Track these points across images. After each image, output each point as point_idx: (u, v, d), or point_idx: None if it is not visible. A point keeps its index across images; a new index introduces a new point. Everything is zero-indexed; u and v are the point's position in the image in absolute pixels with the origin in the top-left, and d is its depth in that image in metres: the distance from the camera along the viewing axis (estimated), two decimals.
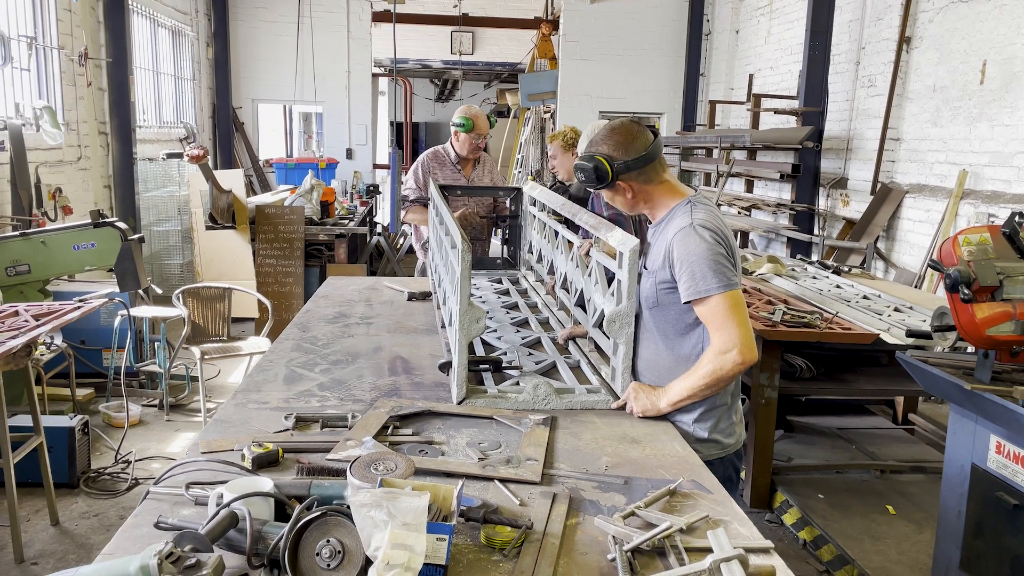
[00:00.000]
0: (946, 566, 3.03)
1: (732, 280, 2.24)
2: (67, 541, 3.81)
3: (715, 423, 2.40)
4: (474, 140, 4.75)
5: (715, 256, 2.23)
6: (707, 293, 2.22)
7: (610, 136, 2.39)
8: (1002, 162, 6.06)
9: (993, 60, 6.18)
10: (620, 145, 2.36)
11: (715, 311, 2.24)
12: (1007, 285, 2.56)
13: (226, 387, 6.03)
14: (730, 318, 2.22)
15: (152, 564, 1.22)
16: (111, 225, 4.95)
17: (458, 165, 4.85)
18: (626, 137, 2.37)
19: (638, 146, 2.36)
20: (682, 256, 2.27)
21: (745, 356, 2.22)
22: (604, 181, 2.36)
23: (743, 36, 11.06)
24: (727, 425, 2.44)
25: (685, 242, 2.27)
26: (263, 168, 11.92)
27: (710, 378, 2.26)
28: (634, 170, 2.36)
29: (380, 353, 2.95)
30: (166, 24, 9.94)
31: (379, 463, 1.70)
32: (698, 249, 2.24)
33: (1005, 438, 2.69)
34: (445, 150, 4.91)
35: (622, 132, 2.39)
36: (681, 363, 2.37)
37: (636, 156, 2.35)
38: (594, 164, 2.35)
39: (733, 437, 2.47)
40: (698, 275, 2.23)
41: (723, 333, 2.23)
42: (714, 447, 2.41)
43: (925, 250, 6.87)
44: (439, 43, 15.04)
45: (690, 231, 2.27)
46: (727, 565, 1.44)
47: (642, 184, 2.40)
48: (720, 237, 2.28)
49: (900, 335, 3.82)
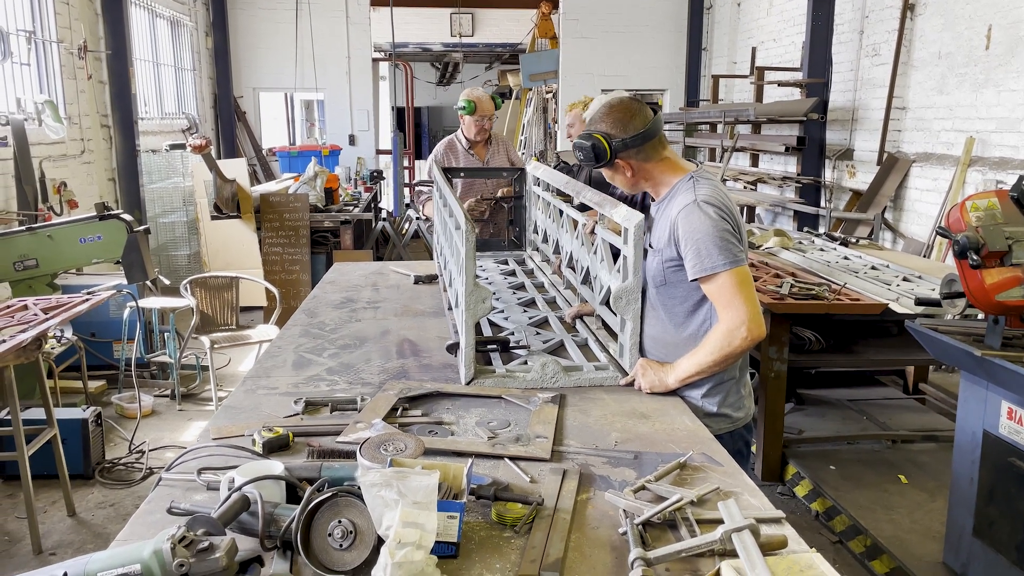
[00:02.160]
0: (959, 533, 3.04)
1: (738, 256, 2.22)
2: (84, 531, 3.85)
3: (724, 397, 2.40)
4: (479, 122, 4.73)
5: (720, 232, 2.21)
6: (713, 270, 2.21)
7: (608, 114, 2.36)
8: (1009, 128, 6.00)
9: (998, 24, 6.10)
10: (619, 123, 2.33)
11: (722, 288, 2.22)
12: (1016, 250, 2.54)
13: (236, 375, 6.06)
14: (737, 295, 2.21)
15: (165, 548, 1.23)
16: (117, 217, 4.96)
17: (470, 150, 4.83)
18: (624, 114, 2.35)
19: (637, 123, 2.33)
20: (687, 233, 2.25)
21: (753, 332, 2.21)
22: (602, 159, 2.34)
23: (745, 8, 10.95)
24: (736, 399, 2.44)
25: (690, 219, 2.25)
26: (266, 157, 11.91)
27: (718, 354, 2.25)
28: (633, 148, 2.33)
29: (388, 336, 2.95)
30: (164, 15, 9.90)
31: (389, 444, 1.70)
32: (703, 226, 2.22)
33: (1017, 404, 2.68)
34: (457, 137, 4.90)
35: (620, 109, 2.36)
36: (688, 341, 2.37)
37: (635, 134, 2.32)
38: (592, 142, 2.32)
39: (742, 411, 2.47)
40: (704, 252, 2.21)
41: (731, 310, 2.22)
42: (724, 421, 2.41)
43: (933, 219, 6.83)
44: (439, 26, 14.94)
45: (694, 208, 2.25)
46: (738, 535, 1.44)
47: (641, 162, 2.37)
48: (725, 212, 2.26)
49: (909, 304, 3.80)
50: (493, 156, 4.91)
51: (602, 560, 1.49)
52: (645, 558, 1.42)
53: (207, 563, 1.24)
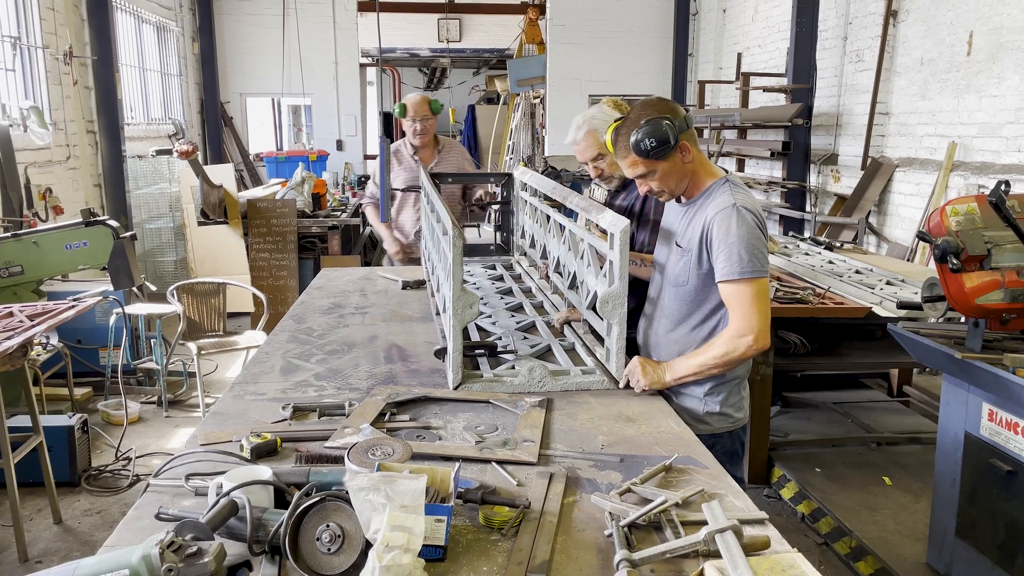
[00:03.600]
0: (943, 534, 3.07)
1: (764, 268, 2.25)
2: (70, 539, 3.83)
3: (726, 396, 2.44)
4: (413, 124, 4.68)
5: (754, 241, 2.23)
6: (740, 276, 2.22)
7: (652, 105, 2.34)
8: (991, 133, 6.07)
9: (979, 31, 6.18)
10: (668, 110, 2.32)
11: (742, 295, 2.24)
12: (995, 254, 2.58)
13: (224, 382, 6.04)
14: (754, 304, 2.23)
15: (154, 553, 1.23)
16: (103, 224, 4.93)
17: (415, 156, 4.76)
18: (667, 104, 2.36)
19: (679, 111, 2.34)
20: (722, 236, 2.25)
21: (759, 343, 2.24)
22: (671, 140, 2.27)
23: (730, 15, 11.03)
24: (737, 400, 2.48)
25: (728, 222, 2.25)
26: (253, 162, 11.88)
27: (720, 359, 2.28)
28: (686, 131, 2.32)
29: (376, 342, 2.96)
30: (150, 20, 9.87)
31: (376, 448, 1.72)
32: (739, 231, 2.23)
33: (997, 405, 2.72)
34: (404, 143, 4.85)
35: (660, 101, 2.36)
36: (697, 344, 2.39)
37: (683, 117, 2.32)
38: (664, 122, 2.25)
39: (742, 412, 2.50)
40: (735, 256, 2.22)
41: (744, 318, 2.24)
42: (725, 420, 2.45)
43: (916, 223, 6.89)
44: (426, 31, 14.96)
45: (733, 212, 2.25)
46: (722, 536, 1.46)
47: (692, 146, 2.35)
48: (760, 222, 2.28)
49: (892, 308, 3.84)
50: (443, 162, 4.79)
51: (588, 562, 1.50)
52: (630, 559, 1.44)
53: (195, 568, 1.25)
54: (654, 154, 2.29)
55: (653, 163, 2.33)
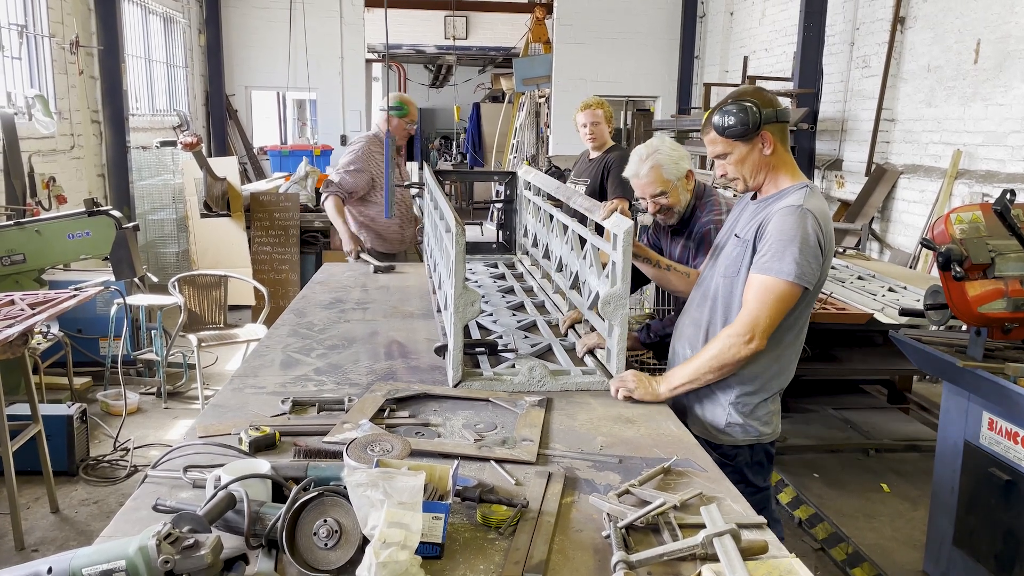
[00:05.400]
0: (940, 542, 3.07)
1: (801, 275, 2.16)
2: (67, 528, 3.83)
3: (753, 408, 2.36)
4: (407, 127, 4.64)
5: (805, 246, 2.15)
6: (770, 272, 2.17)
7: (750, 93, 2.28)
8: (996, 141, 6.06)
9: (987, 39, 6.17)
10: (763, 98, 2.27)
11: (762, 291, 2.19)
12: (999, 262, 2.58)
13: (223, 374, 6.04)
14: (768, 305, 2.18)
15: (151, 545, 1.23)
16: (105, 214, 4.93)
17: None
18: (765, 95, 2.29)
19: (777, 104, 2.28)
20: (774, 230, 2.20)
21: (757, 344, 2.20)
22: (752, 125, 2.23)
23: (737, 18, 11.01)
24: (765, 413, 2.39)
25: (786, 219, 2.19)
26: (257, 155, 11.87)
27: (715, 361, 2.24)
28: (776, 124, 2.26)
29: (376, 338, 2.96)
30: (157, 11, 9.87)
31: (375, 444, 1.71)
32: (793, 231, 2.16)
33: (997, 415, 2.71)
34: (379, 137, 4.63)
35: (755, 90, 2.31)
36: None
37: (779, 109, 2.27)
38: (749, 104, 2.21)
39: (770, 427, 2.41)
40: (777, 254, 2.17)
41: (752, 316, 2.19)
42: (747, 433, 2.38)
43: (920, 230, 6.88)
44: (433, 28, 14.95)
45: (796, 211, 2.19)
46: (720, 540, 1.45)
47: (778, 142, 2.29)
48: (823, 232, 2.19)
49: (894, 315, 3.84)
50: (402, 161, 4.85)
51: (585, 563, 1.50)
52: (627, 561, 1.44)
53: (192, 560, 1.25)
54: (729, 132, 2.25)
55: (729, 143, 2.28)
